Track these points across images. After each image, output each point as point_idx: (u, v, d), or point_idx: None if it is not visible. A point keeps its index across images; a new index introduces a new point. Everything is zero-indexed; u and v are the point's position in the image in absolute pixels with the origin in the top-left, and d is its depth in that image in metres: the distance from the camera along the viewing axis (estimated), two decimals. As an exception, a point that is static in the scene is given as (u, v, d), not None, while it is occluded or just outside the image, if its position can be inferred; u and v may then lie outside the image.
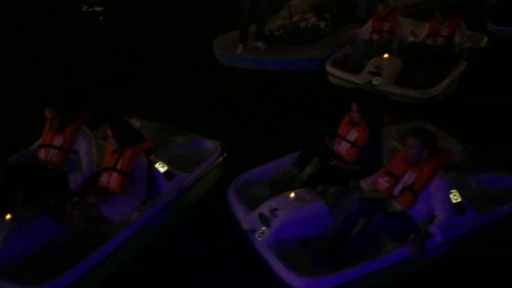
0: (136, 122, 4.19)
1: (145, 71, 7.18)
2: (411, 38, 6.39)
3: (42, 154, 3.97)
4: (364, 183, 3.72)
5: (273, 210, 3.51)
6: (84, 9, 10.41)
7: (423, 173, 3.30)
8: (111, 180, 3.64)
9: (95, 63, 7.51)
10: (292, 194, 3.59)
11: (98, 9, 10.34)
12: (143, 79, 6.92)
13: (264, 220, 3.50)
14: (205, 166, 4.17)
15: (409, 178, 3.36)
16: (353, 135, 3.96)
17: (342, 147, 4.00)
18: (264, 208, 3.57)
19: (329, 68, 6.17)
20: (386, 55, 5.86)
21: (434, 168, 3.28)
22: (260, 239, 3.42)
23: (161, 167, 3.85)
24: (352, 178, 3.91)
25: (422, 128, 3.63)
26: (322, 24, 7.42)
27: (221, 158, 4.29)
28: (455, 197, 3.38)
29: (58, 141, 3.93)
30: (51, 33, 8.86)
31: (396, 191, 3.40)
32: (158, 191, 3.86)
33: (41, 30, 9.07)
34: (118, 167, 3.64)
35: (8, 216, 3.52)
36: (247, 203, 3.79)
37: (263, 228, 3.46)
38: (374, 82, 5.63)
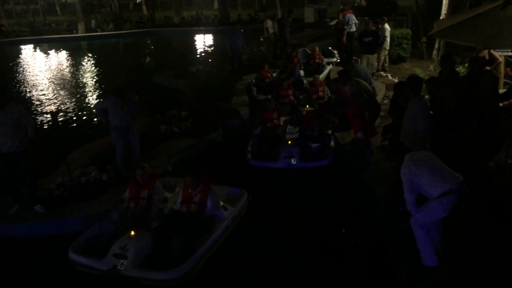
0: None
1: None
2: (170, 206, 6.21)
3: None
4: None
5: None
6: None
7: None
8: None
9: None
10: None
11: None
12: None
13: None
14: None
15: None
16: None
17: None
18: None
19: (72, 255, 5.34)
20: (133, 232, 5.37)
21: None
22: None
23: None
24: None
25: None
26: (105, 177, 7.37)
27: None
28: None
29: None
30: None
31: None
32: None
33: None
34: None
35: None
36: None
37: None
38: (119, 267, 5.04)
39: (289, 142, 8.32)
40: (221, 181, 6.75)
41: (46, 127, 11.77)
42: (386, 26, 14.17)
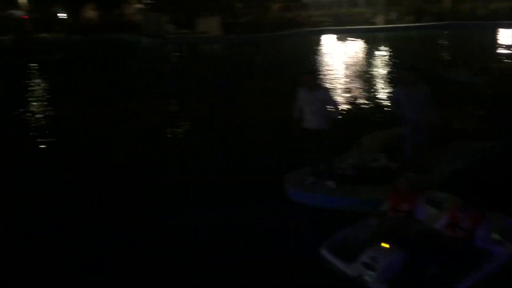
0: None
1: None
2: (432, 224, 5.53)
3: None
4: None
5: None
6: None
7: None
8: None
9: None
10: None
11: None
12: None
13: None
14: None
15: None
16: None
17: None
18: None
19: (324, 252, 5.37)
20: (385, 245, 5.03)
21: None
22: None
23: None
24: None
25: None
26: (393, 166, 7.56)
27: None
28: None
29: None
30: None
31: None
32: None
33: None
34: None
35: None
36: None
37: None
38: (365, 277, 4.83)
39: None
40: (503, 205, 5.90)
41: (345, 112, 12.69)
42: None
